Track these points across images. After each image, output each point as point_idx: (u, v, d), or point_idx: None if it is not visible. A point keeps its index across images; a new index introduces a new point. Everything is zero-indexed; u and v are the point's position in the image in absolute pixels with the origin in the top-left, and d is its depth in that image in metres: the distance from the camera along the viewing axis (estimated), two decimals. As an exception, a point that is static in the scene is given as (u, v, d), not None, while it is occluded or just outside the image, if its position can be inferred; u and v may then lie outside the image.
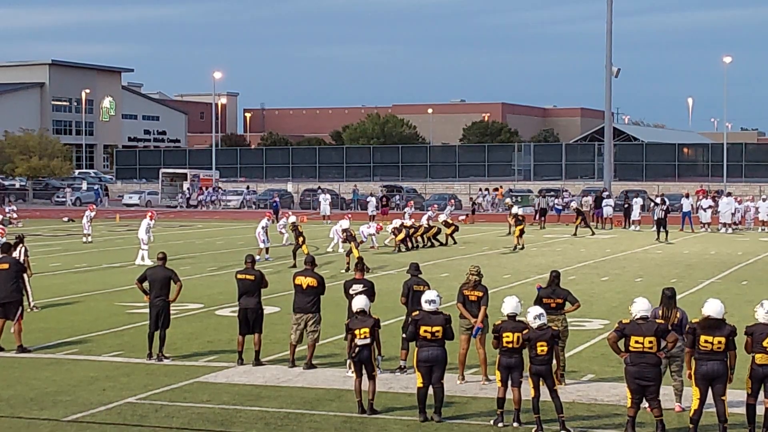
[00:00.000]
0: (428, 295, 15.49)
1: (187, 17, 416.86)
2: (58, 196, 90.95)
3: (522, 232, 42.92)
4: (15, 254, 24.96)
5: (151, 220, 38.47)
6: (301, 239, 35.69)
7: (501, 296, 23.62)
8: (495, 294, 20.38)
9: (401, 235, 42.05)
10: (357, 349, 15.49)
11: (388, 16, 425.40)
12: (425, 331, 15.02)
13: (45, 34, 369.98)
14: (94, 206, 55.33)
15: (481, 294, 17.41)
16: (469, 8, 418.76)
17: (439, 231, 44.67)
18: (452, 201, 67.34)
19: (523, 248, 42.43)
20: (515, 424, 14.48)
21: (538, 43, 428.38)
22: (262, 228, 38.58)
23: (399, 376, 17.70)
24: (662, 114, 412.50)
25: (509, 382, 14.64)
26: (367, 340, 15.52)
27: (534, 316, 14.65)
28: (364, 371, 15.46)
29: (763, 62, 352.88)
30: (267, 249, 38.69)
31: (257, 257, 35.48)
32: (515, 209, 45.51)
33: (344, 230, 38.03)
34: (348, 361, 16.97)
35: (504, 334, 14.68)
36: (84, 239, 47.53)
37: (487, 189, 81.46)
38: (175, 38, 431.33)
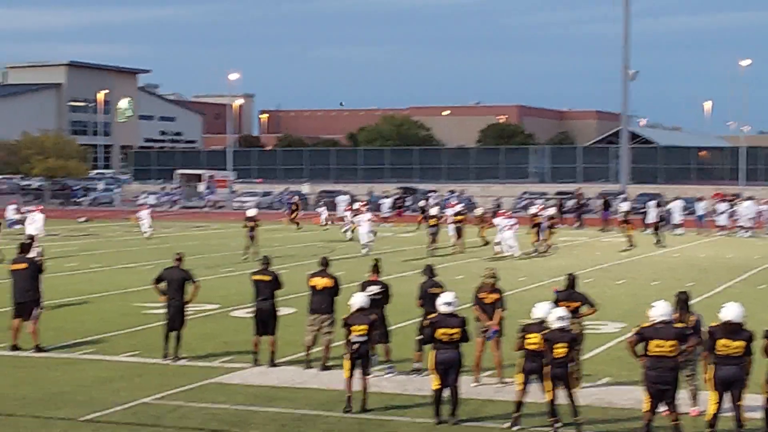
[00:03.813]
0: (445, 297, 15.46)
1: (205, 18, 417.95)
2: (77, 197, 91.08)
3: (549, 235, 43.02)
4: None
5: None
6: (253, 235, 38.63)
7: (516, 299, 23.58)
8: (510, 297, 20.30)
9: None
10: (354, 345, 15.55)
11: (404, 17, 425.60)
12: (442, 334, 15.00)
13: (63, 35, 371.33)
14: (148, 206, 56.37)
15: (496, 297, 17.41)
16: (485, 10, 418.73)
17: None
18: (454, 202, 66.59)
19: (546, 251, 42.21)
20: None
21: (554, 45, 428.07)
22: None
23: (414, 378, 17.69)
24: (679, 117, 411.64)
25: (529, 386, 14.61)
26: (364, 338, 15.64)
27: (557, 317, 14.57)
28: (357, 369, 15.55)
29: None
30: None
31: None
32: (550, 211, 45.46)
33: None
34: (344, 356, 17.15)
35: (528, 336, 14.63)
36: (144, 235, 50.56)
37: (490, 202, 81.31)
38: (192, 39, 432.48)
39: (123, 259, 39.25)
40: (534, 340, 14.57)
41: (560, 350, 14.32)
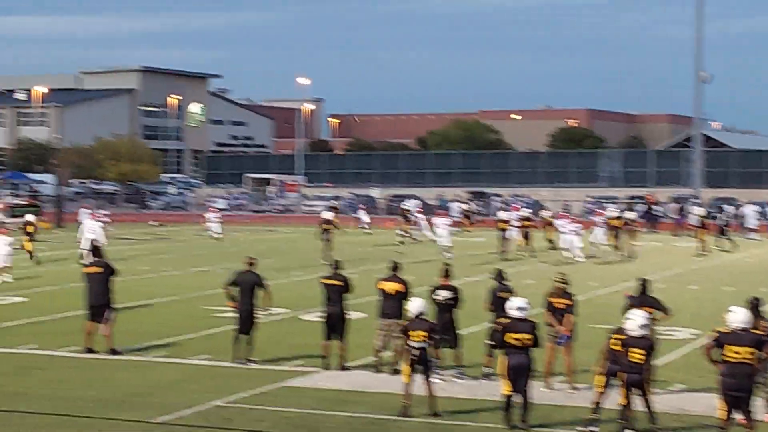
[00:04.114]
0: (517, 302, 15.37)
1: (275, 23, 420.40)
2: (148, 201, 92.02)
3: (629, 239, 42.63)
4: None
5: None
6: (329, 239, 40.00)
7: (587, 304, 23.41)
8: (581, 302, 20.17)
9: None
10: (414, 351, 15.58)
11: (475, 20, 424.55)
12: (513, 338, 14.92)
13: (136, 41, 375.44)
14: (217, 209, 58.23)
15: (567, 302, 17.31)
16: (556, 13, 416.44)
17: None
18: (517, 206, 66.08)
19: (628, 255, 41.83)
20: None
21: (625, 48, 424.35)
22: None
23: (484, 383, 17.63)
24: (754, 120, 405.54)
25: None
26: (424, 343, 15.62)
27: (638, 325, 14.35)
28: (417, 375, 15.54)
29: None
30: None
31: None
32: (628, 214, 45.18)
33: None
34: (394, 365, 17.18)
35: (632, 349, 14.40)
36: (214, 236, 52.92)
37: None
38: (263, 44, 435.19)
39: (194, 263, 39.60)
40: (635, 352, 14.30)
41: (637, 356, 14.15)
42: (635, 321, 14.35)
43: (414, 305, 16.21)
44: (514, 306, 15.26)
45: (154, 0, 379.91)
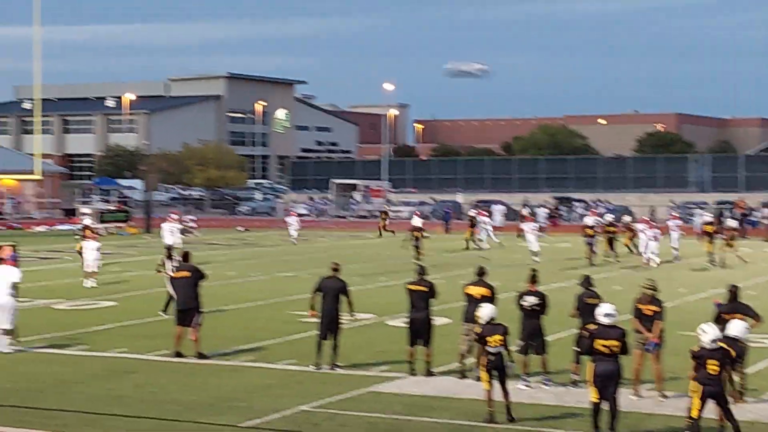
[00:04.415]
0: (605, 308, 15.21)
1: (360, 28, 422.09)
2: (237, 207, 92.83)
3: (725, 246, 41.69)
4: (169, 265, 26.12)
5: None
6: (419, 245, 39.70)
7: (676, 311, 23.10)
8: (670, 309, 19.91)
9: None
10: (492, 356, 15.52)
11: (559, 25, 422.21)
12: (601, 345, 14.76)
13: (222, 48, 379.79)
14: (296, 213, 59.51)
15: (656, 309, 17.10)
16: (642, 16, 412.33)
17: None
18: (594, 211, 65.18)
19: (722, 265, 41.06)
20: None
21: (715, 51, 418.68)
22: None
23: (571, 390, 17.49)
24: None
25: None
26: (500, 348, 15.58)
27: (710, 339, 14.15)
28: (495, 380, 15.53)
29: None
30: None
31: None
32: (730, 222, 44.56)
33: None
34: (475, 370, 17.11)
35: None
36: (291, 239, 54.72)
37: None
38: (348, 50, 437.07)
39: (281, 268, 39.86)
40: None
41: (713, 368, 13.95)
42: (708, 335, 14.14)
43: (485, 311, 16.21)
44: (602, 312, 15.11)
45: (240, 8, 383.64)
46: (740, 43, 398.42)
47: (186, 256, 22.10)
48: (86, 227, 57.58)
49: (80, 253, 34.50)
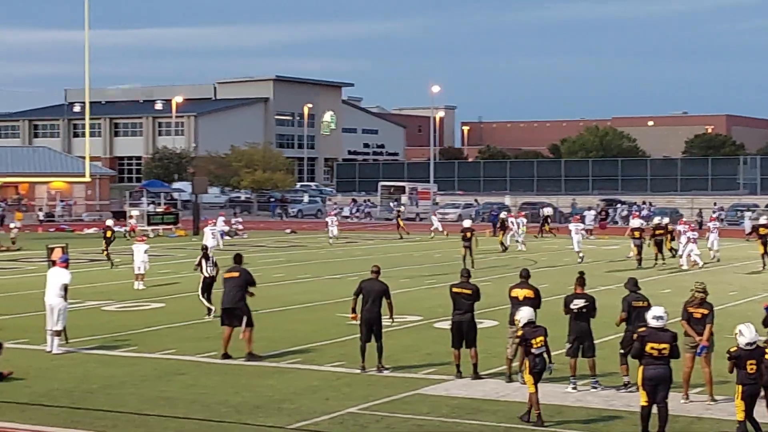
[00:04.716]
0: (656, 311, 15.08)
1: (406, 31, 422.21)
2: (284, 209, 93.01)
3: None
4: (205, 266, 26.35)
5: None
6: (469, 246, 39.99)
7: (726, 314, 22.92)
8: (720, 312, 19.75)
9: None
10: (537, 359, 15.52)
11: (607, 26, 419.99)
12: (652, 348, 14.63)
13: (269, 51, 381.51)
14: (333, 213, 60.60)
15: (706, 311, 16.94)
16: (691, 17, 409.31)
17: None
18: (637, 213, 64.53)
19: None
20: None
21: (766, 52, 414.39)
22: None
23: (621, 393, 17.37)
24: None
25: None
26: (543, 349, 15.62)
27: (746, 342, 14.05)
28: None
29: None
30: None
31: None
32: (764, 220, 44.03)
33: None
34: (519, 373, 17.06)
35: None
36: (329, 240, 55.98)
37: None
38: (394, 52, 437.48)
39: (328, 270, 39.92)
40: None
41: (751, 366, 13.90)
42: (745, 337, 14.07)
43: (523, 313, 16.20)
44: (653, 315, 14.99)
45: (288, 11, 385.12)
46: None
47: (239, 258, 22.16)
48: (132, 229, 58.59)
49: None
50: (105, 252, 40.80)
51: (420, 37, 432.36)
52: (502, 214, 56.22)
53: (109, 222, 44.08)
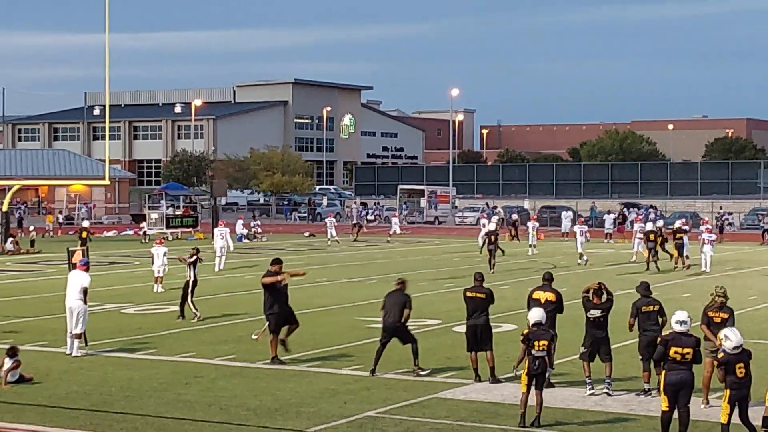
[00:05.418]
0: (679, 315, 14.96)
1: (426, 34, 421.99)
2: (304, 211, 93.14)
3: None
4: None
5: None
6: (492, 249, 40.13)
7: (746, 318, 22.78)
8: (741, 316, 19.64)
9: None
10: (537, 361, 15.52)
11: (626, 30, 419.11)
12: (675, 352, 14.54)
13: (288, 54, 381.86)
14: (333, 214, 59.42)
15: (726, 316, 16.87)
16: (710, 21, 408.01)
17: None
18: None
19: None
20: None
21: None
22: None
23: (641, 398, 17.27)
24: None
25: None
26: (544, 353, 15.64)
27: (733, 347, 13.96)
28: (534, 384, 15.53)
29: None
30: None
31: None
32: None
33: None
34: (516, 371, 17.14)
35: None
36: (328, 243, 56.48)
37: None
38: (413, 55, 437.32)
39: (347, 274, 39.92)
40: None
41: (741, 370, 13.87)
42: (731, 341, 13.98)
43: (534, 314, 16.24)
44: (677, 319, 14.88)
45: (306, 14, 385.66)
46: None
47: (277, 262, 21.92)
48: (144, 233, 58.89)
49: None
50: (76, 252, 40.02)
51: (439, 40, 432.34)
52: (514, 216, 56.14)
53: (86, 223, 43.89)
